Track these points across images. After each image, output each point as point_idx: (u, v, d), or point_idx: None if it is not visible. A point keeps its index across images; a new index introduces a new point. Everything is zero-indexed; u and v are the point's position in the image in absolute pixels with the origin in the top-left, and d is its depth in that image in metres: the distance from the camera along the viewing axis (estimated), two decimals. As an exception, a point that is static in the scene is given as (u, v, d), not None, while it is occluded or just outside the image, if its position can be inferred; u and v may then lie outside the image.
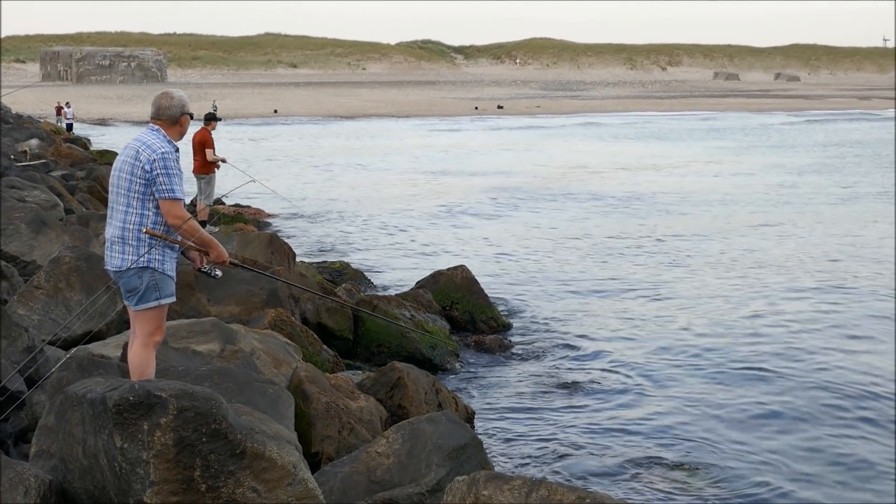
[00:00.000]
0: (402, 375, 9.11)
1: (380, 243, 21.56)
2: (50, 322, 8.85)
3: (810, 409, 10.63)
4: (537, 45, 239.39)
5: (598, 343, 13.25)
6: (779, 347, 13.04)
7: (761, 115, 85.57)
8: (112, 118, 76.51)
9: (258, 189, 18.73)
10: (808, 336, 13.60)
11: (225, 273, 7.86)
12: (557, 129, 67.28)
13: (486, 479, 4.69)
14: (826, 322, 14.37)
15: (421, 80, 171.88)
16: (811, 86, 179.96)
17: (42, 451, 5.44)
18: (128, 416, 4.80)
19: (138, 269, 6.20)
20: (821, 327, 14.07)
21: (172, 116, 6.49)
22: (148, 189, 6.19)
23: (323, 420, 7.60)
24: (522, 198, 29.45)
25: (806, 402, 10.84)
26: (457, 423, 6.72)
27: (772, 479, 8.78)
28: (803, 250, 20.28)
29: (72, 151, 31.60)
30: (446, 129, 66.65)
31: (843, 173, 35.96)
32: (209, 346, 8.07)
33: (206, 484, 4.82)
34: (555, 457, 9.23)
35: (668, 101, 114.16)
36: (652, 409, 10.65)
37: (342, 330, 12.15)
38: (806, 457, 9.34)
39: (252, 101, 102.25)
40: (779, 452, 9.42)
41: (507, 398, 10.97)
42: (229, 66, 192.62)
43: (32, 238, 11.88)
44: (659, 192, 30.54)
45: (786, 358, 12.54)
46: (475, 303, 14.11)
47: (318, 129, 67.25)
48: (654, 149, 48.91)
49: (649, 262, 19.10)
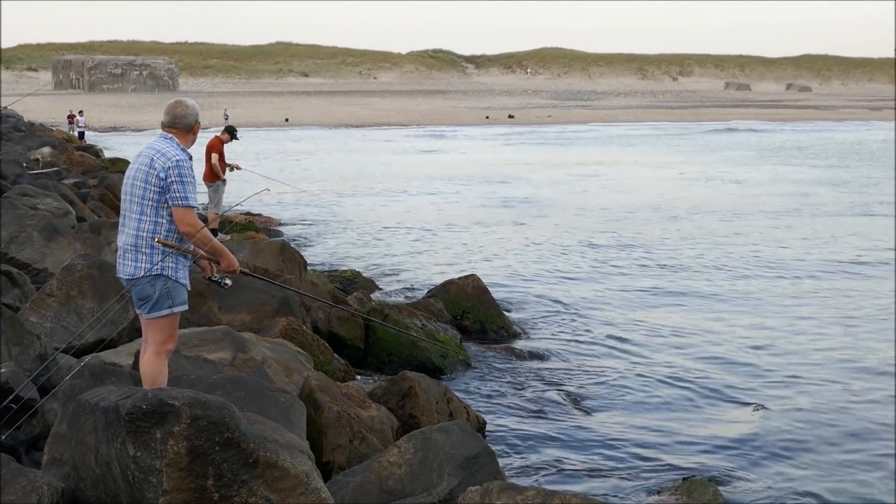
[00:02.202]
0: (413, 385, 9.09)
1: (391, 252, 21.55)
2: (62, 330, 8.86)
3: (828, 413, 10.61)
4: (548, 55, 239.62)
5: (611, 352, 13.21)
6: (800, 357, 13.02)
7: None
8: (124, 126, 76.74)
9: (270, 198, 18.75)
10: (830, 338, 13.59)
11: (236, 282, 7.86)
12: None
13: (500, 489, 4.67)
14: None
15: (431, 90, 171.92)
16: (823, 96, 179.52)
17: (54, 458, 5.44)
18: (141, 425, 4.80)
19: (151, 277, 6.19)
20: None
21: (188, 125, 6.51)
22: (162, 197, 6.19)
23: (334, 429, 7.58)
24: (536, 207, 29.45)
25: (824, 404, 10.82)
26: (469, 433, 6.69)
27: (788, 492, 8.75)
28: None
29: (84, 159, 31.68)
30: (454, 137, 66.70)
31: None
32: (220, 354, 8.06)
33: (218, 493, 4.81)
34: (567, 467, 9.19)
35: (678, 111, 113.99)
36: (667, 419, 10.60)
37: (353, 339, 12.14)
38: (821, 459, 9.31)
39: (263, 109, 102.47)
40: (796, 463, 9.39)
41: (519, 408, 10.93)
42: (240, 74, 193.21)
43: (44, 246, 11.92)
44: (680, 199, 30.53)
45: (810, 364, 12.53)
46: (486, 312, 14.09)
47: (329, 136, 67.35)
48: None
49: (663, 272, 19.05)
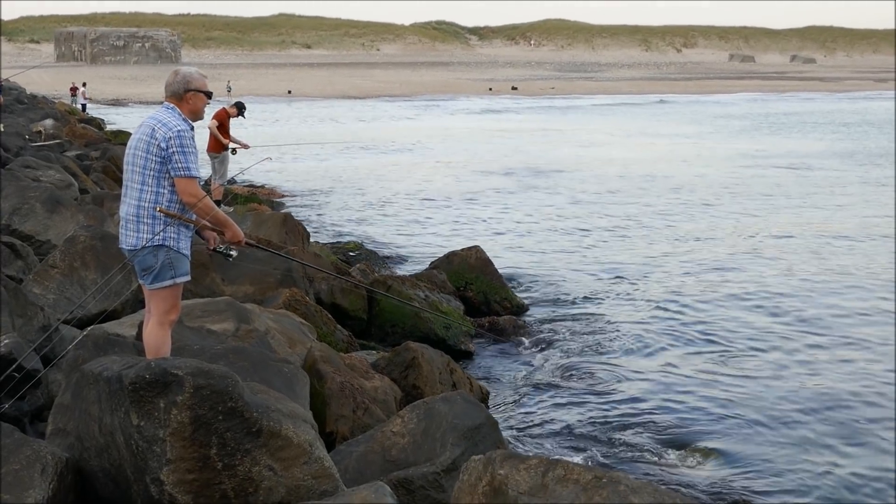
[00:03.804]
0: (416, 355, 9.10)
1: (394, 224, 21.54)
2: (65, 301, 8.87)
3: (831, 387, 10.63)
4: (552, 27, 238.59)
5: (614, 325, 13.21)
6: (811, 327, 13.05)
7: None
8: (126, 99, 76.58)
9: (270, 167, 18.65)
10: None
11: (239, 253, 7.85)
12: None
13: (503, 458, 4.66)
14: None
15: (435, 62, 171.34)
16: (827, 68, 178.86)
17: (58, 429, 5.45)
18: (144, 395, 4.80)
19: (153, 247, 6.17)
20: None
21: (176, 92, 6.42)
22: (163, 167, 6.15)
23: (337, 399, 7.59)
24: (538, 179, 29.39)
25: (828, 380, 10.83)
26: (472, 403, 6.69)
27: (790, 461, 8.78)
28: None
29: (86, 132, 31.63)
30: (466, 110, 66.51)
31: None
32: (224, 325, 8.06)
33: (222, 462, 4.81)
34: (570, 436, 9.22)
35: (682, 82, 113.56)
36: (668, 391, 10.61)
37: (356, 310, 12.14)
38: (822, 438, 9.33)
39: (266, 81, 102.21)
40: (798, 434, 9.41)
41: (522, 379, 10.96)
42: (243, 46, 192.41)
43: (47, 217, 11.91)
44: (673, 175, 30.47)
45: (814, 345, 12.54)
46: (489, 283, 14.08)
47: (331, 108, 67.17)
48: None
49: (669, 244, 19.03)
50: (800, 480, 8.41)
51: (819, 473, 8.53)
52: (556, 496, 4.38)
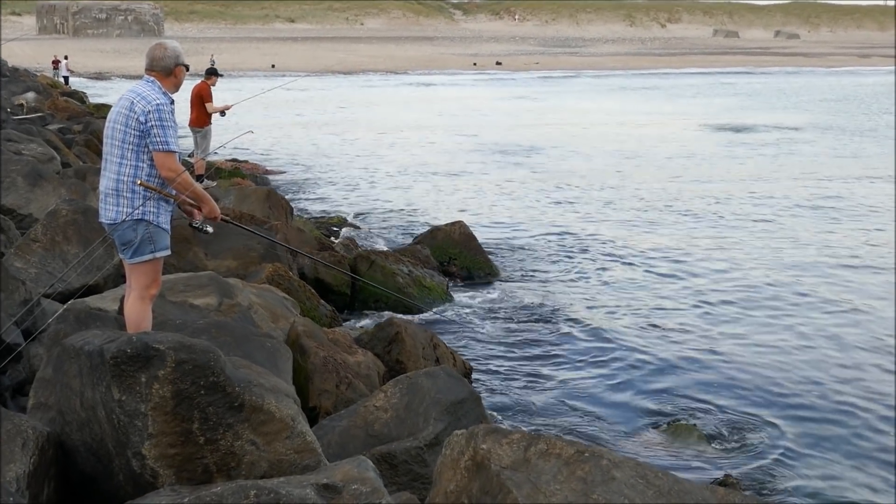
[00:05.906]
0: (400, 330, 9.10)
1: (378, 199, 21.49)
2: (47, 275, 8.82)
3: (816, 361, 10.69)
4: (536, 2, 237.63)
5: (596, 299, 13.25)
6: (787, 302, 13.10)
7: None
8: (108, 72, 75.96)
9: (254, 142, 18.58)
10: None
11: (222, 228, 7.81)
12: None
13: (485, 432, 4.66)
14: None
15: (419, 36, 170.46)
16: (811, 43, 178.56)
17: (40, 403, 5.42)
18: (125, 369, 4.77)
19: (133, 221, 6.13)
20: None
21: (166, 67, 6.38)
22: (142, 141, 6.10)
23: (321, 374, 7.59)
24: (521, 154, 29.35)
25: (811, 356, 10.90)
26: (455, 378, 6.70)
27: (771, 435, 8.83)
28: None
29: (69, 105, 31.38)
30: (445, 84, 66.35)
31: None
32: (206, 300, 8.03)
33: (204, 436, 4.80)
34: (553, 411, 9.25)
35: (666, 58, 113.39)
36: (648, 365, 10.66)
37: (340, 285, 12.13)
38: (803, 412, 9.38)
39: (249, 55, 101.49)
40: (779, 409, 9.47)
41: (505, 353, 10.97)
42: (226, 20, 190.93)
43: (29, 191, 11.83)
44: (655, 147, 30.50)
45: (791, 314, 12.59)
46: (473, 258, 14.09)
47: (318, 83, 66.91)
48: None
49: (652, 220, 19.06)
50: (783, 457, 8.46)
51: (803, 451, 8.58)
52: (539, 470, 4.39)
